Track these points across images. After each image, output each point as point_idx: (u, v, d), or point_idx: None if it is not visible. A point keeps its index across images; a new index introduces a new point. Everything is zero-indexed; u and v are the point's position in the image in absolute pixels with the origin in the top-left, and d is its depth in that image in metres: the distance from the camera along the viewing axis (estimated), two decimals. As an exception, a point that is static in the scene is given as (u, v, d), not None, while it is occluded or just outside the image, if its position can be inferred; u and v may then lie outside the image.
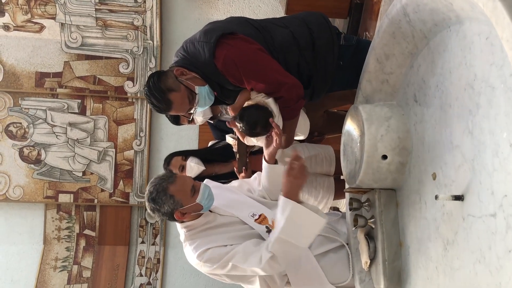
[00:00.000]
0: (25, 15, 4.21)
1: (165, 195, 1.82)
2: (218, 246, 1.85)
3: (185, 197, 1.84)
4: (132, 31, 4.30)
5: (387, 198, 1.83)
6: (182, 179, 1.88)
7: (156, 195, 1.83)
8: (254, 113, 2.03)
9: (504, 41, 1.04)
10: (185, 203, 1.85)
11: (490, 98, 1.23)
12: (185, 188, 1.85)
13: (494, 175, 1.20)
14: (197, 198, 1.85)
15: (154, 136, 4.43)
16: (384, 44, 1.81)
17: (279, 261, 1.77)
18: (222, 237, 1.88)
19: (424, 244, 1.60)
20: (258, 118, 2.02)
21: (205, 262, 1.84)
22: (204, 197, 1.87)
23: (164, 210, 1.84)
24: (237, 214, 1.97)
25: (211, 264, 1.83)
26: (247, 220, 1.94)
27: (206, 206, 1.90)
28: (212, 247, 1.85)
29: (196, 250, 1.86)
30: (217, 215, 1.97)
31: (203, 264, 1.85)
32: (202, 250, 1.84)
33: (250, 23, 2.13)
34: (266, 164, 2.06)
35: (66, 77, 4.28)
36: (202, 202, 1.87)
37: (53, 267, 4.29)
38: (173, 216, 1.87)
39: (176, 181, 1.85)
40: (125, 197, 4.35)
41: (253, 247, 1.82)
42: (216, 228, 1.92)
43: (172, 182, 1.84)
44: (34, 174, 4.26)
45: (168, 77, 2.02)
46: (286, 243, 1.75)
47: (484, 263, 1.24)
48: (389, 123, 1.74)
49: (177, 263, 4.41)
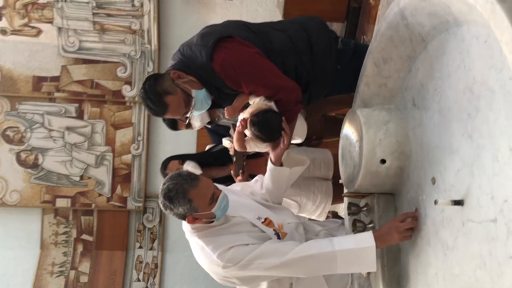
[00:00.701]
0: (22, 19, 4.19)
1: (184, 198, 1.73)
2: (241, 245, 1.78)
3: (203, 204, 1.76)
4: (130, 35, 4.29)
5: (386, 203, 1.82)
6: (205, 185, 1.78)
7: (174, 194, 1.73)
8: (272, 118, 1.99)
9: (503, 44, 1.03)
10: (201, 210, 1.77)
11: (489, 101, 1.22)
12: (206, 195, 1.76)
13: (494, 179, 1.19)
14: (213, 207, 1.78)
15: (152, 140, 4.41)
16: (382, 48, 1.80)
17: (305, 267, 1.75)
18: (242, 236, 1.82)
19: (423, 249, 1.58)
20: (278, 124, 1.99)
21: (227, 261, 1.76)
22: (220, 208, 1.80)
23: (177, 211, 1.76)
24: (245, 216, 1.93)
25: (233, 263, 1.75)
26: (255, 222, 1.91)
27: (219, 215, 1.83)
28: (235, 246, 1.77)
29: (216, 250, 1.77)
30: (228, 216, 1.90)
31: (223, 264, 1.76)
32: (224, 249, 1.76)
33: (248, 26, 2.12)
34: (272, 166, 2.04)
35: (64, 81, 4.26)
36: (216, 212, 1.80)
37: (50, 272, 4.26)
38: (184, 218, 1.80)
39: (199, 185, 1.75)
40: (122, 201, 4.33)
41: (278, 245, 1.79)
42: (230, 228, 1.86)
43: (194, 186, 1.75)
44: (31, 179, 4.23)
45: (165, 80, 2.00)
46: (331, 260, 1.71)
47: (484, 269, 1.23)
48: (388, 127, 1.73)
49: (175, 268, 4.39)
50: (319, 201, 2.76)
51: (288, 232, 1.92)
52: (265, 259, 1.75)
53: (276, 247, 1.78)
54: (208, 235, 1.83)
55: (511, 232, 1.11)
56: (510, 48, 1.01)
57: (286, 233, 1.91)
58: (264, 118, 1.99)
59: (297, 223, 2.02)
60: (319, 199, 2.75)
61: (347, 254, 1.70)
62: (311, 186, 2.75)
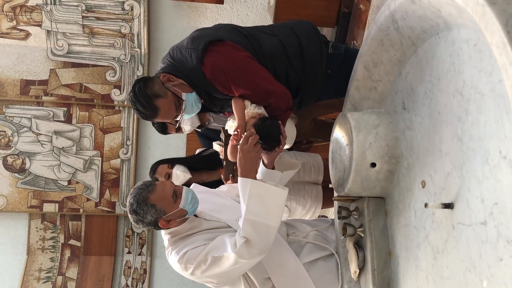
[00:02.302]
0: (10, 22, 4.15)
1: (146, 205, 1.78)
2: (196, 247, 1.81)
3: (167, 204, 1.80)
4: (120, 38, 4.27)
5: (376, 207, 1.81)
6: (161, 186, 1.83)
7: (137, 206, 1.79)
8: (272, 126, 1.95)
9: (493, 46, 1.03)
10: (168, 210, 1.81)
11: (479, 104, 1.22)
12: (166, 195, 1.81)
13: (484, 182, 1.19)
14: (180, 203, 1.82)
15: (141, 145, 4.38)
16: (372, 51, 1.80)
17: (254, 244, 1.73)
18: (201, 238, 1.85)
19: (413, 253, 1.58)
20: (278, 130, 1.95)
21: (185, 264, 1.80)
22: (188, 202, 1.83)
23: (148, 220, 1.81)
24: (224, 219, 1.94)
25: (191, 264, 1.79)
26: (233, 224, 1.91)
27: (190, 210, 1.86)
28: (190, 249, 1.81)
29: (177, 255, 1.82)
30: (202, 220, 1.93)
31: (184, 267, 1.81)
32: (182, 254, 1.81)
33: (239, 30, 2.11)
34: (264, 169, 2.03)
35: (52, 85, 4.22)
36: (186, 207, 1.83)
37: (37, 278, 4.20)
38: (157, 225, 1.84)
39: (155, 189, 1.81)
40: (111, 206, 4.29)
41: (227, 237, 1.79)
42: (200, 234, 1.89)
43: (151, 190, 1.80)
44: (18, 183, 4.18)
45: (155, 83, 1.98)
46: (255, 224, 1.72)
47: (474, 272, 1.23)
48: (378, 130, 1.73)
49: (164, 273, 4.35)
50: (309, 205, 2.75)
51: None
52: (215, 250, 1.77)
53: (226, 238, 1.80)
54: (176, 242, 1.88)
55: (501, 235, 1.11)
56: (501, 51, 1.01)
57: None
58: (264, 127, 1.93)
59: None
60: (309, 204, 2.75)
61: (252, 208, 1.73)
62: (301, 190, 2.74)
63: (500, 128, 1.12)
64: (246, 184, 1.74)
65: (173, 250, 1.86)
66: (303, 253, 1.97)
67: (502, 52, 1.01)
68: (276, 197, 1.77)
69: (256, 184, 1.74)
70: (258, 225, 1.73)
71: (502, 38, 1.01)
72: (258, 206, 1.73)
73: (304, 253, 1.97)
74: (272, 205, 1.76)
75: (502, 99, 1.12)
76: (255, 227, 1.72)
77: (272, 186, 1.76)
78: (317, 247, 2.01)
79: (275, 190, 1.76)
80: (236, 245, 1.73)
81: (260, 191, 1.74)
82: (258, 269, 1.88)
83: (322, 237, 2.07)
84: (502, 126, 1.11)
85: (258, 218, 1.73)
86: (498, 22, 1.01)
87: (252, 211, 1.73)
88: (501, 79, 1.11)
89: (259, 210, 1.73)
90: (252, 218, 1.72)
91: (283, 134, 1.96)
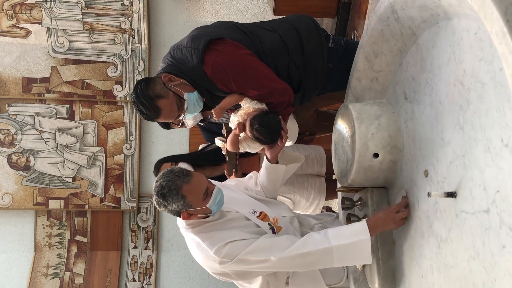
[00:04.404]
0: (11, 20, 4.16)
1: (177, 194, 1.73)
2: (237, 240, 1.78)
3: (197, 199, 1.77)
4: (120, 34, 4.27)
5: (380, 197, 1.82)
6: (197, 180, 1.78)
7: (167, 191, 1.73)
8: (273, 120, 1.97)
9: (493, 35, 1.03)
10: (195, 206, 1.77)
11: (480, 93, 1.23)
12: (199, 190, 1.77)
13: (486, 170, 1.20)
14: (208, 202, 1.79)
15: (144, 140, 4.39)
16: (372, 42, 1.80)
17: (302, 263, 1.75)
18: (237, 232, 1.82)
19: (417, 241, 1.59)
20: (279, 125, 1.97)
21: (224, 257, 1.76)
22: (215, 202, 1.81)
23: (172, 208, 1.76)
24: (240, 211, 1.94)
25: (229, 258, 1.76)
26: (250, 216, 1.91)
27: (214, 210, 1.83)
28: (231, 241, 1.78)
29: (212, 245, 1.78)
30: (223, 211, 1.91)
31: (220, 259, 1.77)
32: (221, 245, 1.77)
33: (238, 27, 2.10)
34: (268, 164, 2.04)
35: (54, 82, 4.23)
36: (212, 207, 1.81)
37: (45, 275, 4.24)
38: (179, 215, 1.80)
39: (191, 181, 1.76)
40: (116, 202, 4.31)
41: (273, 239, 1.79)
42: (225, 223, 1.86)
43: (187, 182, 1.75)
44: (23, 181, 4.21)
45: (156, 84, 1.97)
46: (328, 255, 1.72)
47: (478, 259, 1.24)
48: (380, 121, 1.74)
49: (170, 267, 4.38)
50: (313, 197, 2.76)
51: (282, 226, 1.92)
52: (260, 254, 1.75)
53: (272, 242, 1.78)
54: (204, 230, 1.83)
55: (503, 222, 1.12)
56: (500, 40, 1.01)
57: (281, 227, 1.92)
58: (264, 120, 1.96)
59: (291, 216, 2.03)
60: (312, 196, 2.76)
61: (343, 248, 1.71)
62: (304, 183, 2.75)
63: (502, 116, 1.13)
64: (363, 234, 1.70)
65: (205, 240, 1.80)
66: None
67: (502, 40, 1.01)
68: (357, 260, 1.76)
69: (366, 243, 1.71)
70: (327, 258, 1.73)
71: (501, 26, 1.01)
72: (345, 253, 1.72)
73: None
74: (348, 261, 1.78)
75: (503, 88, 1.12)
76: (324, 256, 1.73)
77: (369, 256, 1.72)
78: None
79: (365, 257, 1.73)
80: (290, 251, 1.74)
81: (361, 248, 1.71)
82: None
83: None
84: (504, 115, 1.12)
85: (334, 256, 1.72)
86: (497, 11, 1.01)
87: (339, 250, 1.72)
88: (502, 67, 1.11)
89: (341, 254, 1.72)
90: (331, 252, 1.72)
91: (284, 128, 1.97)
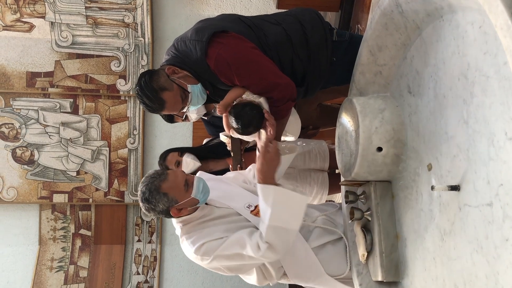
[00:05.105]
0: (14, 14, 4.17)
1: (158, 193, 1.80)
2: (214, 240, 1.83)
3: (179, 193, 1.82)
4: (123, 28, 4.27)
5: (383, 190, 1.83)
6: (173, 175, 1.84)
7: (149, 194, 1.80)
8: (248, 113, 1.97)
9: (498, 28, 1.03)
10: (180, 199, 1.83)
11: (484, 87, 1.23)
12: (178, 184, 1.82)
13: (490, 164, 1.20)
14: (191, 192, 1.83)
15: (148, 134, 4.41)
16: (376, 35, 1.80)
17: (276, 249, 1.77)
18: (218, 230, 1.87)
19: (421, 235, 1.60)
20: (253, 118, 1.97)
21: (202, 256, 1.83)
22: (199, 191, 1.85)
23: (159, 209, 1.82)
24: (233, 206, 1.96)
25: (208, 257, 1.82)
26: (242, 211, 1.93)
27: (202, 199, 1.88)
28: (208, 241, 1.83)
29: (193, 245, 1.84)
30: (213, 207, 1.95)
31: (200, 258, 1.84)
32: (199, 245, 1.83)
33: (242, 20, 2.10)
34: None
35: (58, 77, 4.24)
36: (197, 196, 1.85)
37: (49, 268, 4.27)
38: (169, 213, 1.85)
39: (167, 178, 1.82)
40: (120, 195, 4.33)
41: (247, 237, 1.82)
42: (212, 221, 1.91)
43: (164, 179, 1.81)
44: (28, 175, 4.23)
45: (160, 76, 1.98)
46: (278, 230, 1.76)
47: (481, 252, 1.24)
48: (383, 115, 1.74)
49: (174, 260, 4.41)
50: (316, 192, 2.77)
51: None
52: (233, 248, 1.80)
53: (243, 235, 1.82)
54: (189, 230, 1.90)
55: (506, 215, 1.12)
56: (505, 33, 1.01)
57: None
58: (240, 111, 1.96)
59: None
60: (315, 191, 2.77)
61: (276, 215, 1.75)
62: (307, 178, 2.76)
63: (506, 110, 1.13)
64: (269, 191, 1.76)
65: (188, 239, 1.88)
66: (312, 237, 2.00)
67: (507, 34, 1.01)
68: (298, 203, 1.80)
69: (279, 191, 1.77)
70: (281, 231, 1.76)
71: (506, 20, 1.01)
72: (282, 213, 1.76)
73: (313, 238, 2.00)
74: (294, 211, 1.79)
75: (507, 81, 1.12)
76: (278, 232, 1.76)
77: (295, 193, 1.79)
78: (325, 231, 2.04)
79: (298, 196, 1.79)
80: (259, 249, 1.76)
81: (283, 198, 1.77)
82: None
83: (330, 221, 2.09)
84: (508, 108, 1.12)
85: (281, 224, 1.76)
86: (502, 4, 1.01)
87: (276, 218, 1.75)
88: (506, 61, 1.11)
89: (283, 217, 1.76)
90: (275, 224, 1.75)
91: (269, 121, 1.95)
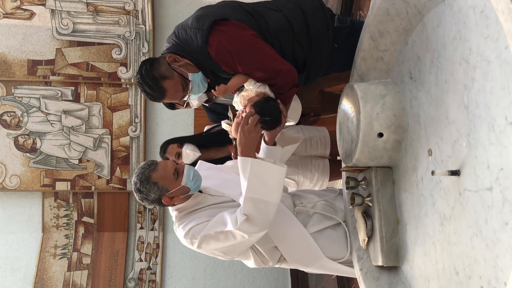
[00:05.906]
0: (14, 1, 4.15)
1: (149, 183, 1.86)
2: (201, 223, 1.87)
3: (169, 182, 1.88)
4: (124, 16, 4.26)
5: (384, 176, 1.83)
6: (163, 165, 1.91)
7: (140, 184, 1.87)
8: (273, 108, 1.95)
9: (499, 12, 1.03)
10: (170, 188, 1.88)
11: (485, 72, 1.23)
12: (167, 173, 1.88)
13: (490, 149, 1.20)
14: (181, 181, 1.88)
15: (150, 122, 4.41)
16: (378, 21, 1.79)
17: (255, 221, 1.78)
18: (207, 214, 1.91)
19: (421, 220, 1.61)
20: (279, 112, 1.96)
21: (191, 239, 1.87)
22: (190, 179, 1.90)
23: (151, 198, 1.89)
24: (229, 193, 1.98)
25: (195, 239, 1.86)
26: (238, 198, 1.95)
27: (193, 187, 1.92)
28: (195, 225, 1.87)
29: (183, 230, 1.89)
30: (207, 195, 1.99)
31: (190, 241, 1.88)
32: (187, 230, 1.88)
33: (243, 7, 2.08)
34: (265, 146, 2.06)
35: (59, 64, 4.24)
36: (188, 184, 1.90)
37: (53, 255, 4.31)
38: (161, 202, 1.91)
39: (157, 167, 1.89)
40: (122, 183, 4.35)
41: (228, 214, 1.84)
42: (206, 209, 1.94)
43: (153, 169, 1.88)
44: (30, 163, 4.25)
45: (161, 64, 1.98)
46: (256, 201, 1.77)
47: (481, 236, 1.25)
48: (384, 101, 1.74)
49: (176, 247, 4.44)
50: (316, 179, 2.78)
51: None
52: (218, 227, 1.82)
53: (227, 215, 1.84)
54: (182, 217, 1.95)
55: (506, 200, 1.13)
56: (506, 17, 1.01)
57: None
58: (265, 108, 1.94)
59: (284, 196, 2.05)
60: (316, 177, 2.77)
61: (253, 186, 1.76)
62: (308, 164, 2.76)
63: (506, 94, 1.13)
64: (247, 163, 1.78)
65: (180, 225, 1.93)
66: (310, 223, 2.01)
67: (508, 18, 1.01)
68: (275, 174, 1.81)
69: (256, 162, 1.78)
70: (258, 202, 1.77)
71: (507, 4, 1.00)
72: (258, 184, 1.77)
73: (312, 223, 2.01)
74: (271, 182, 1.80)
75: (509, 66, 1.12)
76: (256, 204, 1.77)
77: (271, 164, 1.80)
78: (324, 217, 2.05)
79: (274, 167, 1.80)
80: (237, 222, 1.77)
81: (260, 169, 1.78)
82: (263, 239, 1.92)
83: (330, 207, 2.10)
84: (508, 93, 1.12)
85: (258, 195, 1.77)
86: (504, -12, 1.01)
87: (252, 189, 1.77)
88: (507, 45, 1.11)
89: (259, 188, 1.77)
90: (253, 195, 1.76)
91: (283, 113, 1.97)
